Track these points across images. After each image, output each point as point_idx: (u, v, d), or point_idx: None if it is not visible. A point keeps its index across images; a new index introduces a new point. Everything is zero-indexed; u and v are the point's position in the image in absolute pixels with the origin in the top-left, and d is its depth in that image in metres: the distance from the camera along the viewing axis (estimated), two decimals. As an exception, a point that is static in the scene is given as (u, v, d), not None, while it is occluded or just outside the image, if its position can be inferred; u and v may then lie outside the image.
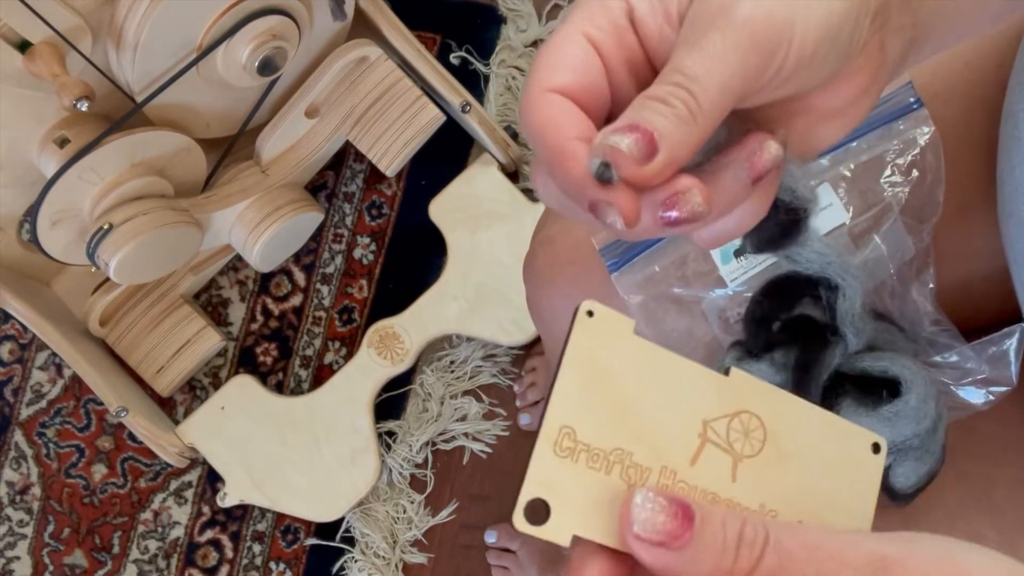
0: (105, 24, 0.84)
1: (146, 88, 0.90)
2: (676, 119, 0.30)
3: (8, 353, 1.21)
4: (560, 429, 0.29)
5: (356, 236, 1.21)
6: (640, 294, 0.46)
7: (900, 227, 0.46)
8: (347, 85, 1.06)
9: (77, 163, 0.86)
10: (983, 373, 0.43)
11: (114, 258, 0.91)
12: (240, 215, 1.04)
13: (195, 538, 1.17)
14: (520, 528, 0.28)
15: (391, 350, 1.13)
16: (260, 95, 1.01)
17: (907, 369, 0.45)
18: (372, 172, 1.21)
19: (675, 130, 0.30)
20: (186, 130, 0.96)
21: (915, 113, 0.43)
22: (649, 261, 0.46)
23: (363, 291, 1.20)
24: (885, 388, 0.45)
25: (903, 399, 0.44)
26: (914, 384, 0.44)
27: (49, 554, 1.18)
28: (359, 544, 1.15)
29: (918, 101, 0.43)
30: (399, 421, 1.18)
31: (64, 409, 1.19)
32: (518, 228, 1.13)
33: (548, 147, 0.31)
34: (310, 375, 1.20)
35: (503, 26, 1.23)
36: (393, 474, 1.16)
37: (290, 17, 0.90)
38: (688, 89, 0.30)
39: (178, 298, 1.13)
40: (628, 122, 0.30)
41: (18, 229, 1.01)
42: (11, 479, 1.19)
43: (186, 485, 1.18)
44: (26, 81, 0.81)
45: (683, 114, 0.30)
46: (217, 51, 0.88)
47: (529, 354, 1.18)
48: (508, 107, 1.21)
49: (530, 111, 0.32)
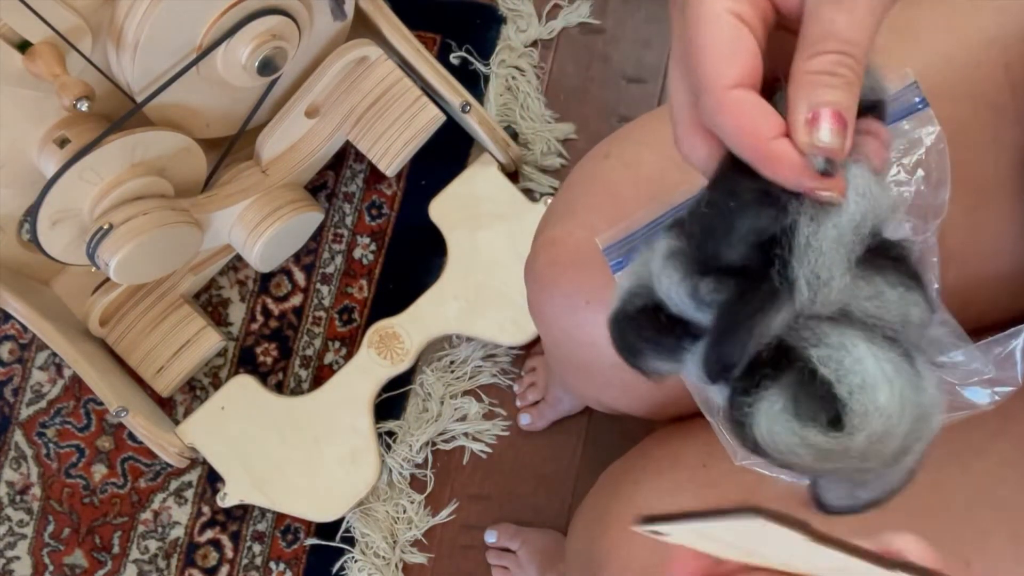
0: (105, 24, 0.84)
1: (146, 88, 0.89)
2: (847, 87, 0.33)
3: (8, 353, 1.20)
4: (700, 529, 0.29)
5: (356, 236, 1.21)
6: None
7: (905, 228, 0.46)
8: (347, 85, 1.06)
9: (77, 163, 0.86)
10: (989, 373, 0.42)
11: (114, 258, 0.90)
12: (240, 215, 1.04)
13: (195, 538, 1.17)
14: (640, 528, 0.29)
15: (391, 350, 1.13)
16: (260, 95, 1.01)
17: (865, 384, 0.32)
18: (372, 172, 1.21)
19: (851, 97, 0.33)
20: (186, 130, 0.96)
21: (920, 113, 0.43)
22: (652, 261, 0.46)
23: (363, 291, 1.20)
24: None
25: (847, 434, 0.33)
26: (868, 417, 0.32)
27: (49, 554, 1.17)
28: (359, 544, 1.15)
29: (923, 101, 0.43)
30: (399, 421, 1.17)
31: (64, 409, 1.19)
32: (518, 228, 1.13)
33: (752, 151, 0.33)
34: (310, 375, 1.19)
35: (503, 26, 1.23)
36: (393, 474, 1.16)
37: (290, 17, 0.90)
38: (850, 55, 0.33)
39: (178, 298, 1.13)
40: (814, 108, 0.33)
41: (18, 229, 1.01)
42: (11, 479, 1.18)
43: (186, 485, 1.18)
44: (26, 81, 0.81)
45: (851, 79, 0.33)
46: (217, 51, 0.88)
47: (529, 354, 1.18)
48: (508, 107, 1.21)
49: (721, 115, 0.34)
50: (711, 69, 0.34)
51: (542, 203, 1.15)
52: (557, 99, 1.22)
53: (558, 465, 1.16)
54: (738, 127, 0.33)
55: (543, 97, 1.22)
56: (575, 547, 0.66)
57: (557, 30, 1.23)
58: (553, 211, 0.64)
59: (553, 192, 1.18)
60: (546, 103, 1.22)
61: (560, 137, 1.21)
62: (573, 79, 1.23)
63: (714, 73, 0.33)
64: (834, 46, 0.33)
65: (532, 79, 1.22)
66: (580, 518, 0.67)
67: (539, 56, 1.23)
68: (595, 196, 0.61)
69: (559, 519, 1.15)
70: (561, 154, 1.20)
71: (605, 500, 0.62)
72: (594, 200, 0.61)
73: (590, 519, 0.64)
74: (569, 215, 0.61)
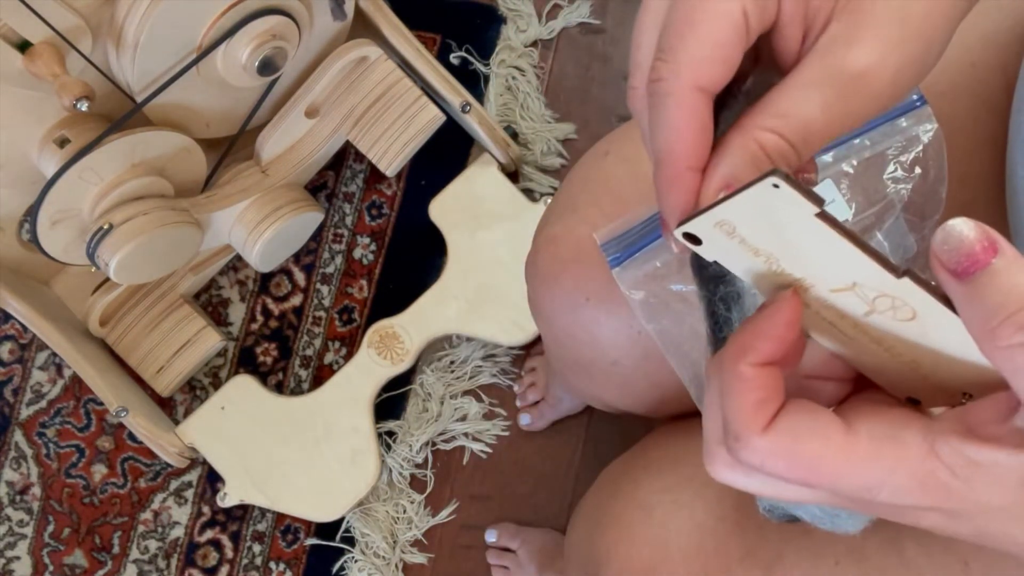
0: (105, 24, 0.84)
1: (146, 88, 0.89)
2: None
3: (8, 353, 1.20)
4: (721, 219, 0.29)
5: (356, 236, 1.21)
6: (641, 290, 0.46)
7: (903, 224, 0.46)
8: (347, 85, 1.06)
9: (77, 163, 0.86)
10: None
11: (114, 258, 0.91)
12: (240, 215, 1.04)
13: (195, 538, 1.17)
14: (676, 235, 0.31)
15: (391, 350, 1.13)
16: (260, 95, 1.01)
17: None
18: (372, 172, 1.21)
19: None
20: (186, 130, 0.96)
21: (918, 110, 0.43)
22: (650, 257, 0.46)
23: (363, 291, 1.20)
24: None
25: None
26: None
27: (49, 554, 1.18)
28: (359, 544, 1.15)
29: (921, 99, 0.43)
30: (399, 421, 1.18)
31: (64, 409, 1.19)
32: (518, 228, 1.13)
33: (664, 159, 0.31)
34: (310, 375, 1.19)
35: (503, 26, 1.23)
36: (393, 474, 1.16)
37: (290, 17, 0.90)
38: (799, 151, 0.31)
39: (178, 298, 1.13)
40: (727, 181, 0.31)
41: (18, 229, 1.01)
42: (11, 479, 1.19)
43: (186, 485, 1.18)
44: (26, 81, 0.81)
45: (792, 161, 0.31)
46: (217, 51, 0.88)
47: (529, 354, 1.18)
48: (508, 107, 1.21)
49: (667, 111, 0.31)
50: (690, 57, 0.31)
51: (542, 203, 1.15)
52: (557, 99, 1.22)
53: (558, 465, 1.16)
54: (669, 134, 0.31)
55: (543, 97, 1.22)
56: (574, 546, 0.66)
57: (557, 30, 1.23)
58: (554, 208, 0.64)
59: (553, 192, 1.19)
60: (546, 103, 1.22)
61: (560, 137, 1.21)
62: (573, 79, 1.23)
63: (689, 63, 0.31)
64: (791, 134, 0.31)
65: (532, 79, 1.22)
66: (579, 517, 0.67)
67: (539, 56, 1.23)
68: (595, 193, 0.61)
69: (559, 519, 1.15)
70: (561, 154, 1.20)
71: (605, 499, 0.62)
72: (594, 197, 0.61)
73: (589, 518, 0.64)
74: (570, 212, 0.62)
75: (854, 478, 0.28)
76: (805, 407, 0.30)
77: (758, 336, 0.30)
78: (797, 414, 0.29)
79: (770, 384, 0.30)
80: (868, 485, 0.28)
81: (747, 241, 0.30)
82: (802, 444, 0.29)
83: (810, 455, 0.29)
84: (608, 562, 0.57)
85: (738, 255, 0.31)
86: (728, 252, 0.31)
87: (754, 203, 0.28)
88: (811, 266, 0.30)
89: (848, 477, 0.28)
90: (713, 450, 0.31)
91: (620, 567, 0.56)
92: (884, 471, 0.28)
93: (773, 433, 0.29)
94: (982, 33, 0.55)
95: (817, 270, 0.30)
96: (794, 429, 0.29)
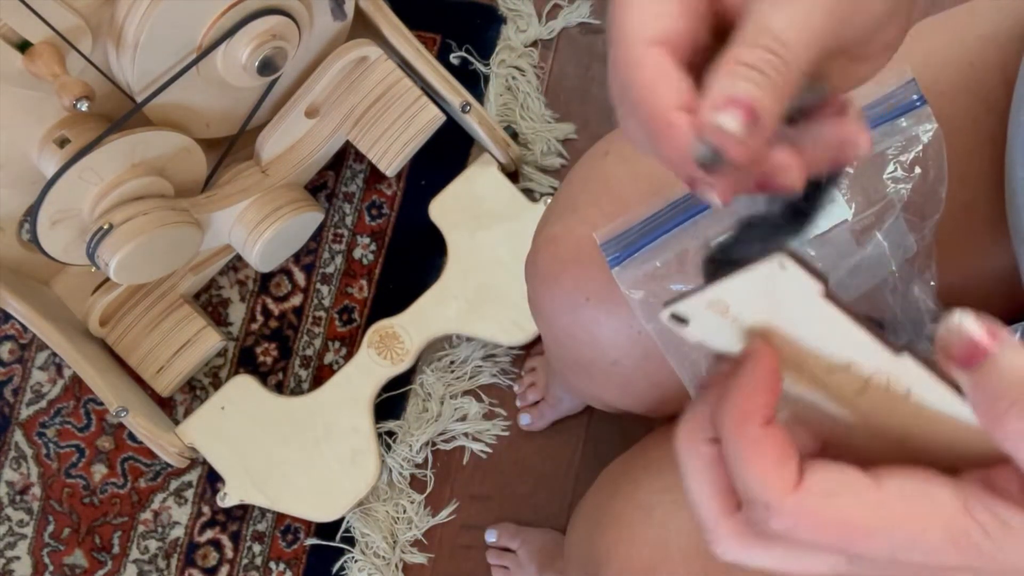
0: (105, 24, 0.84)
1: (146, 88, 0.90)
2: (771, 88, 0.29)
3: (8, 353, 1.20)
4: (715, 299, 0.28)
5: (356, 236, 1.21)
6: (641, 289, 0.46)
7: (902, 224, 0.46)
8: (347, 85, 1.06)
9: (77, 163, 0.86)
10: None
11: (114, 258, 0.91)
12: (240, 215, 1.04)
13: (195, 538, 1.17)
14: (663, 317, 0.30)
15: (391, 350, 1.13)
16: (260, 95, 1.01)
17: None
18: (372, 172, 1.21)
19: (772, 99, 0.29)
20: (186, 130, 0.96)
21: (918, 110, 0.43)
22: (650, 256, 0.46)
23: (363, 291, 1.20)
24: None
25: None
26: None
27: (49, 554, 1.18)
28: (359, 544, 1.15)
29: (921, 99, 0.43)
30: (399, 421, 1.18)
31: (64, 409, 1.19)
32: (518, 228, 1.13)
33: (649, 116, 0.30)
34: (310, 375, 1.19)
35: (503, 26, 1.23)
36: (393, 474, 1.16)
37: (290, 17, 0.90)
38: (780, 56, 0.29)
39: (178, 298, 1.13)
40: (728, 96, 0.28)
41: (18, 229, 1.01)
42: (11, 479, 1.19)
43: (186, 485, 1.18)
44: (26, 81, 0.81)
45: (777, 81, 0.29)
46: (217, 51, 0.88)
47: (529, 354, 1.18)
48: (508, 107, 1.21)
49: (626, 69, 0.30)
50: (631, 19, 0.30)
51: (542, 203, 1.15)
52: (557, 99, 1.22)
53: (558, 465, 1.16)
54: (639, 87, 0.30)
55: (543, 97, 1.22)
56: (574, 546, 0.66)
57: (557, 30, 1.23)
58: (554, 208, 0.64)
59: (553, 192, 1.19)
60: (546, 103, 1.22)
61: (560, 137, 1.21)
62: (573, 79, 1.23)
63: (632, 24, 0.30)
64: (764, 42, 0.29)
65: (532, 79, 1.22)
66: (579, 517, 0.67)
67: (539, 56, 1.23)
68: (595, 193, 0.61)
69: (559, 519, 1.15)
70: (561, 154, 1.21)
71: (604, 499, 0.62)
72: (594, 197, 0.61)
73: (589, 518, 0.64)
74: (570, 212, 0.62)
75: (888, 538, 0.27)
76: (828, 463, 0.28)
77: (754, 392, 0.29)
78: (825, 471, 0.28)
79: (783, 440, 0.28)
80: (902, 545, 0.27)
81: (740, 321, 0.29)
82: (835, 501, 0.27)
83: (843, 515, 0.27)
84: (608, 562, 0.57)
85: (728, 336, 0.30)
86: (717, 333, 0.30)
87: (755, 283, 0.28)
88: (806, 344, 0.29)
89: (881, 537, 0.27)
90: (715, 527, 0.29)
91: (620, 567, 0.56)
92: (918, 530, 0.27)
93: (804, 492, 0.27)
94: (981, 33, 0.55)
95: (812, 347, 0.29)
96: (826, 486, 0.27)
